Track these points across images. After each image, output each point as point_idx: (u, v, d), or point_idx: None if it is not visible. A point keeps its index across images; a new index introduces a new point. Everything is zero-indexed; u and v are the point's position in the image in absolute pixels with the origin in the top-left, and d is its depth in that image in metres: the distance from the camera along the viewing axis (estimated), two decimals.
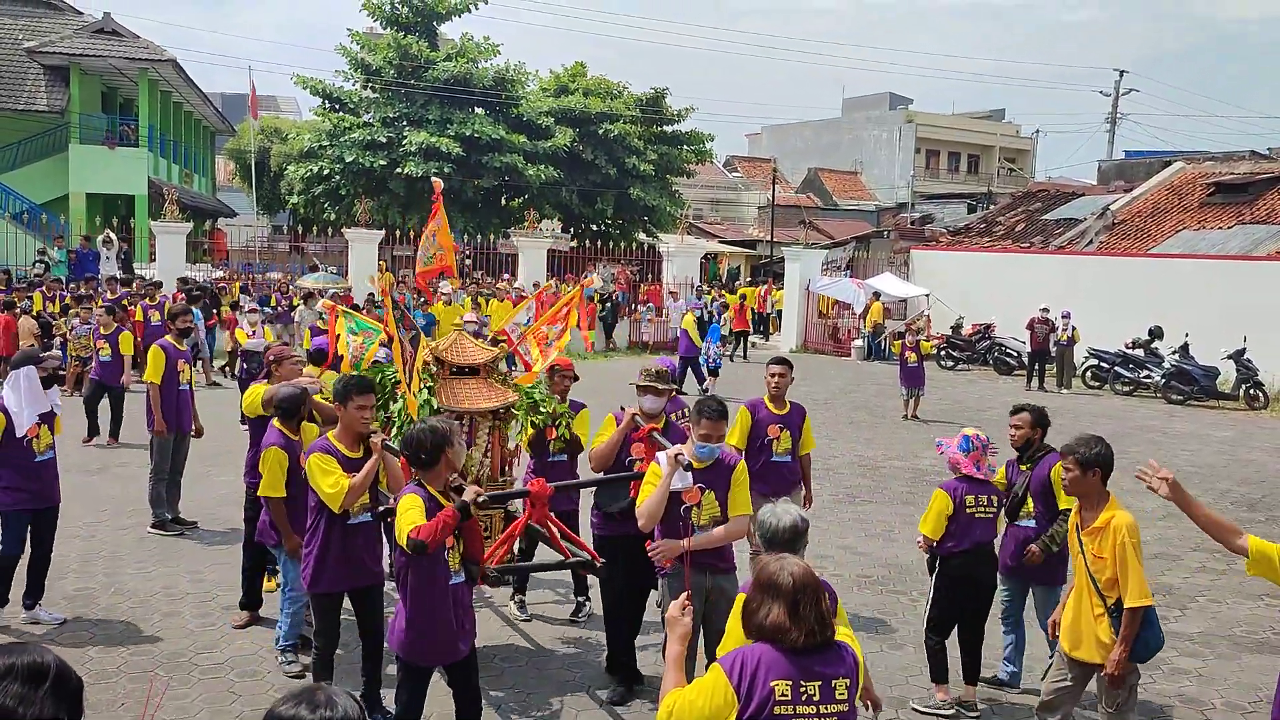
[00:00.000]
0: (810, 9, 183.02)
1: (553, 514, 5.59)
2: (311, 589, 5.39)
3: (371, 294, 19.87)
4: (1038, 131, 65.73)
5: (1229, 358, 19.57)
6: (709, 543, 5.12)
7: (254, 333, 14.29)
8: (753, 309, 29.11)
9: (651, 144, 33.90)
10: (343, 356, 7.07)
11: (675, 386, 6.53)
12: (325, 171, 30.74)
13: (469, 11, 32.94)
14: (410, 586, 4.54)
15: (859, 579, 8.23)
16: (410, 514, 4.40)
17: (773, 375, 7.14)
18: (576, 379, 7.09)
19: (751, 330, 27.55)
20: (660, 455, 5.23)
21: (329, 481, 5.13)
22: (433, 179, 8.20)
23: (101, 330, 12.86)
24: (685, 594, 3.46)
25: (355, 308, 19.28)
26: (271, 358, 7.33)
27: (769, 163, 48.56)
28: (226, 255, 31.08)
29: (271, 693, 5.85)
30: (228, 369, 18.07)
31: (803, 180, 52.87)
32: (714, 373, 18.86)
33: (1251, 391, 19.48)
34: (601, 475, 6.08)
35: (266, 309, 18.94)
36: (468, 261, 27.57)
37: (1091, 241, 27.05)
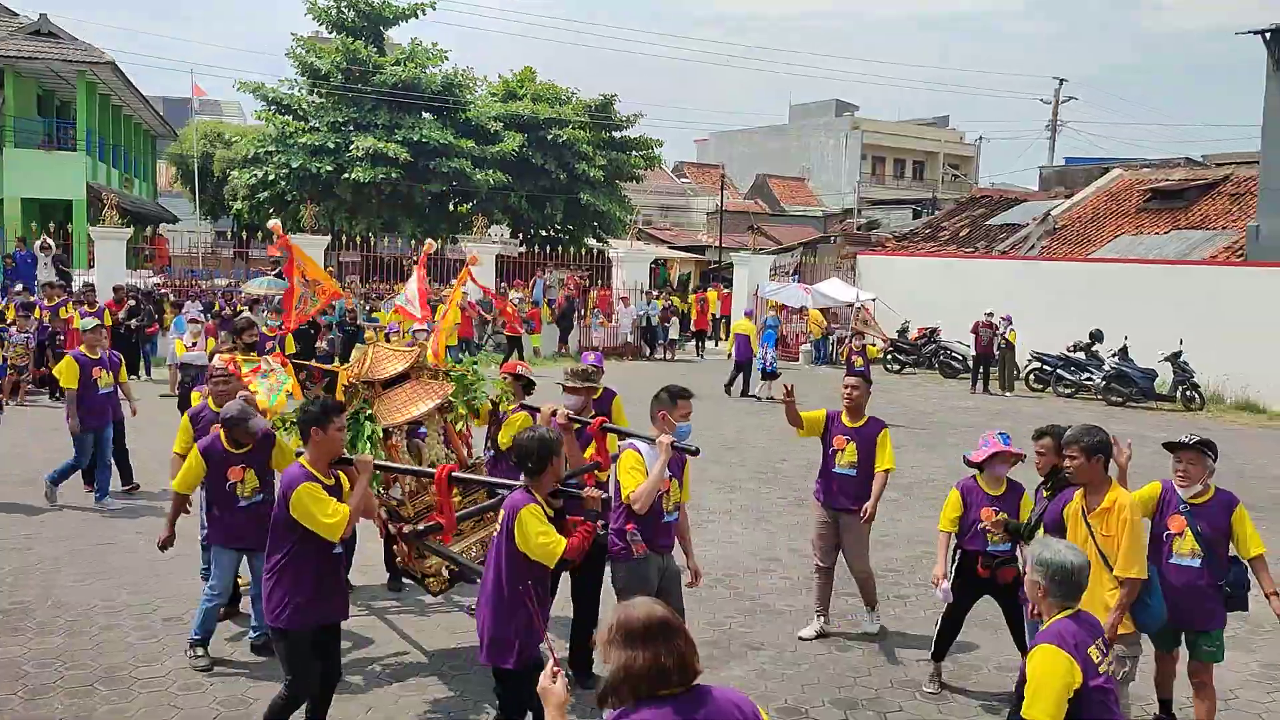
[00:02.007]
0: (759, 17, 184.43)
1: None
2: (292, 627, 4.92)
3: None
4: (981, 138, 67.19)
5: (1166, 360, 20.02)
6: (683, 531, 5.95)
7: (194, 344, 13.82)
8: (713, 314, 29.46)
9: (601, 149, 33.91)
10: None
11: (596, 384, 6.50)
12: (270, 177, 30.33)
13: (416, 17, 32.76)
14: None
15: (808, 581, 8.27)
16: (541, 524, 4.56)
17: (845, 387, 7.07)
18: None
19: (710, 331, 28.77)
20: (639, 443, 5.56)
21: (327, 511, 4.78)
22: (269, 224, 7.81)
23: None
24: (554, 661, 2.94)
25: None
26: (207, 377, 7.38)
27: (718, 169, 48.84)
28: (169, 261, 30.53)
29: (214, 705, 5.76)
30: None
31: (751, 186, 53.25)
32: (772, 375, 18.65)
33: (1188, 393, 19.95)
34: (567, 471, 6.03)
35: (210, 315, 18.53)
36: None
37: (1034, 246, 27.54)
